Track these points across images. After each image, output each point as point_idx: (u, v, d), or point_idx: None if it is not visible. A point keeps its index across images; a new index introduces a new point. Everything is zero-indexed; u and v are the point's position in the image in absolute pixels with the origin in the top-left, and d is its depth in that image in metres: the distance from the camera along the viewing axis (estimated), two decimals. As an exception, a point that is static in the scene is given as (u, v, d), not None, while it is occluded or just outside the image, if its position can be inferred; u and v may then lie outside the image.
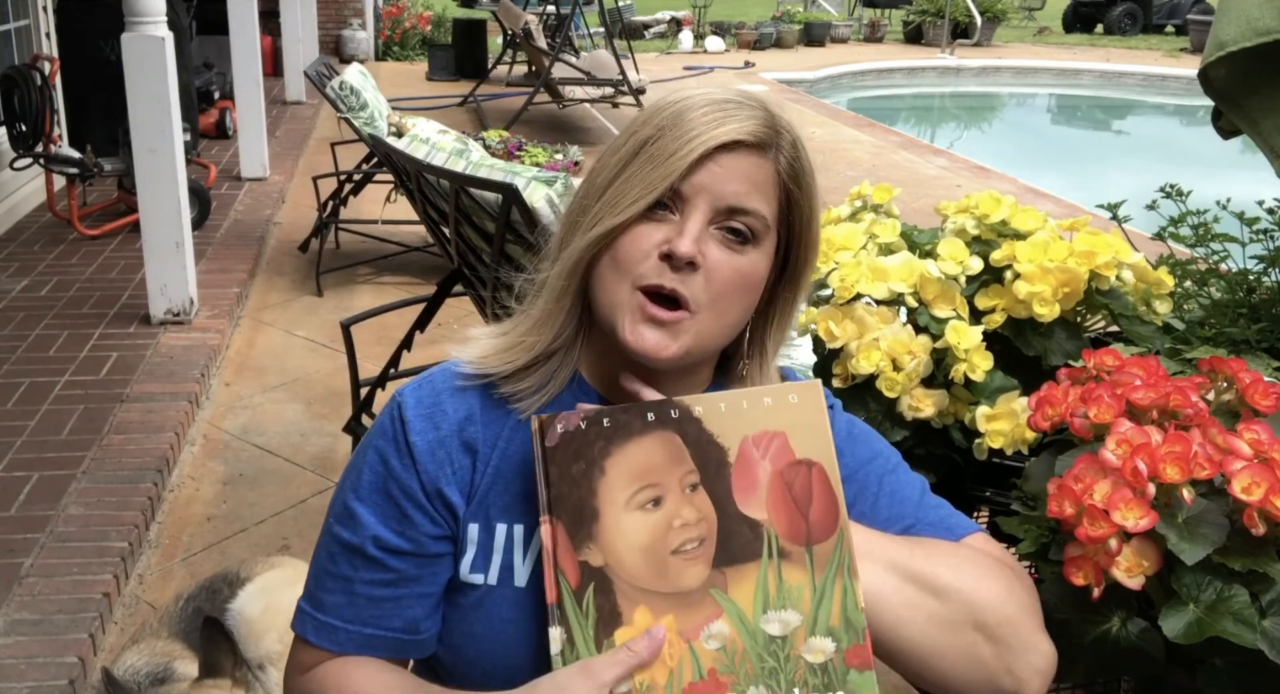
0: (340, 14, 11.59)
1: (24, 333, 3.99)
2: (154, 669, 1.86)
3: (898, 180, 1.72)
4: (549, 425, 0.89)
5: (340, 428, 3.29)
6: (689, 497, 0.88)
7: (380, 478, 0.98)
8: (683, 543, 0.87)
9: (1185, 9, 16.69)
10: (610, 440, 0.88)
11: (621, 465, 0.88)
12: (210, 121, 7.11)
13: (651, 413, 0.89)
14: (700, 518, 0.87)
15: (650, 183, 0.92)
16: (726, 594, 0.87)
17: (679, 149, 0.92)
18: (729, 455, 0.89)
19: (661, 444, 0.88)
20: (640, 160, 0.93)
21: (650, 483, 0.88)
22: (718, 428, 0.89)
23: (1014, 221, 1.47)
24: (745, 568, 0.87)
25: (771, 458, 0.89)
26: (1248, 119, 1.50)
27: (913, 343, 1.36)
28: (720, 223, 0.94)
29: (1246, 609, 0.96)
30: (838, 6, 17.27)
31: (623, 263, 0.93)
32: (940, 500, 1.06)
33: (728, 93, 0.97)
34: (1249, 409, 1.12)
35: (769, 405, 0.90)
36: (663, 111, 0.95)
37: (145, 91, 3.89)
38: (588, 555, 0.87)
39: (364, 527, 0.97)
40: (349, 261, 5.09)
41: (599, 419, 0.89)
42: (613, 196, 0.94)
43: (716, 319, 0.94)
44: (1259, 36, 1.39)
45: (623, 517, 0.87)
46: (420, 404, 0.99)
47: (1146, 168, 8.80)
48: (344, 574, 0.98)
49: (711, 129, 0.92)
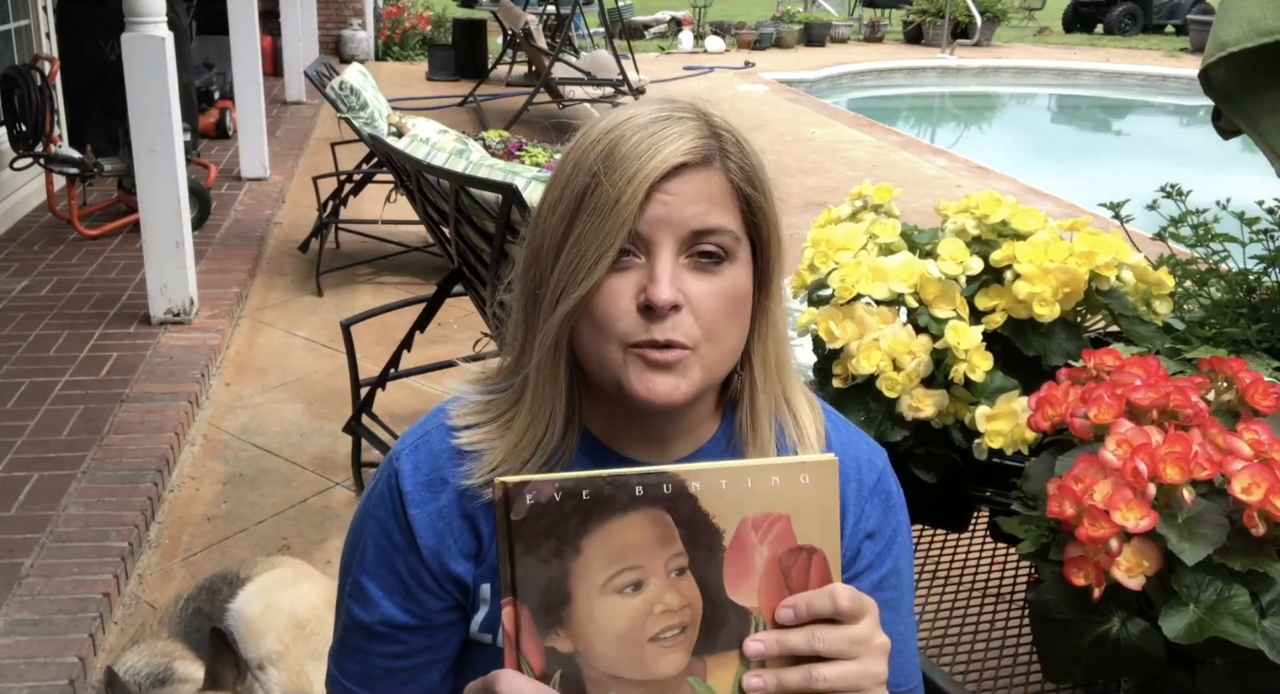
0: (340, 14, 11.59)
1: (24, 333, 3.99)
2: (154, 670, 1.85)
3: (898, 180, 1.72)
4: (516, 495, 0.78)
5: (340, 428, 3.29)
6: (674, 581, 0.80)
7: (384, 551, 0.96)
8: (662, 630, 0.80)
9: (1185, 9, 16.68)
10: (589, 516, 0.78)
11: (600, 545, 0.79)
12: (210, 121, 7.11)
13: (640, 486, 0.79)
14: (684, 604, 0.80)
15: (604, 237, 0.85)
16: (704, 682, 0.81)
17: (622, 193, 0.84)
18: (724, 538, 0.80)
19: (649, 523, 0.79)
20: (585, 215, 0.86)
21: (632, 565, 0.79)
22: (715, 507, 0.80)
23: (1014, 222, 1.47)
24: (727, 655, 0.81)
25: (770, 543, 0.81)
26: (1248, 119, 1.50)
27: (913, 343, 1.36)
28: (690, 250, 0.87)
29: (1246, 609, 0.96)
30: (838, 6, 17.26)
31: (603, 325, 0.87)
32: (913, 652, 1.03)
33: (653, 110, 0.89)
34: (1249, 409, 1.12)
35: (776, 485, 0.81)
36: (591, 153, 0.87)
37: (145, 91, 3.89)
38: (555, 642, 0.79)
39: (373, 604, 0.96)
40: (349, 261, 5.09)
41: (577, 491, 0.78)
42: (570, 261, 0.87)
43: (716, 347, 0.89)
44: (1260, 37, 1.39)
45: (597, 601, 0.79)
46: (418, 471, 0.95)
47: (1146, 168, 8.80)
48: (360, 646, 0.98)
49: (649, 160, 0.85)
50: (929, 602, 1.41)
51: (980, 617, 1.38)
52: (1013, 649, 1.31)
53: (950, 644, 1.32)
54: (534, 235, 0.92)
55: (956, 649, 1.31)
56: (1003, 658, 1.30)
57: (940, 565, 1.49)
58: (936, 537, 1.55)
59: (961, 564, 1.49)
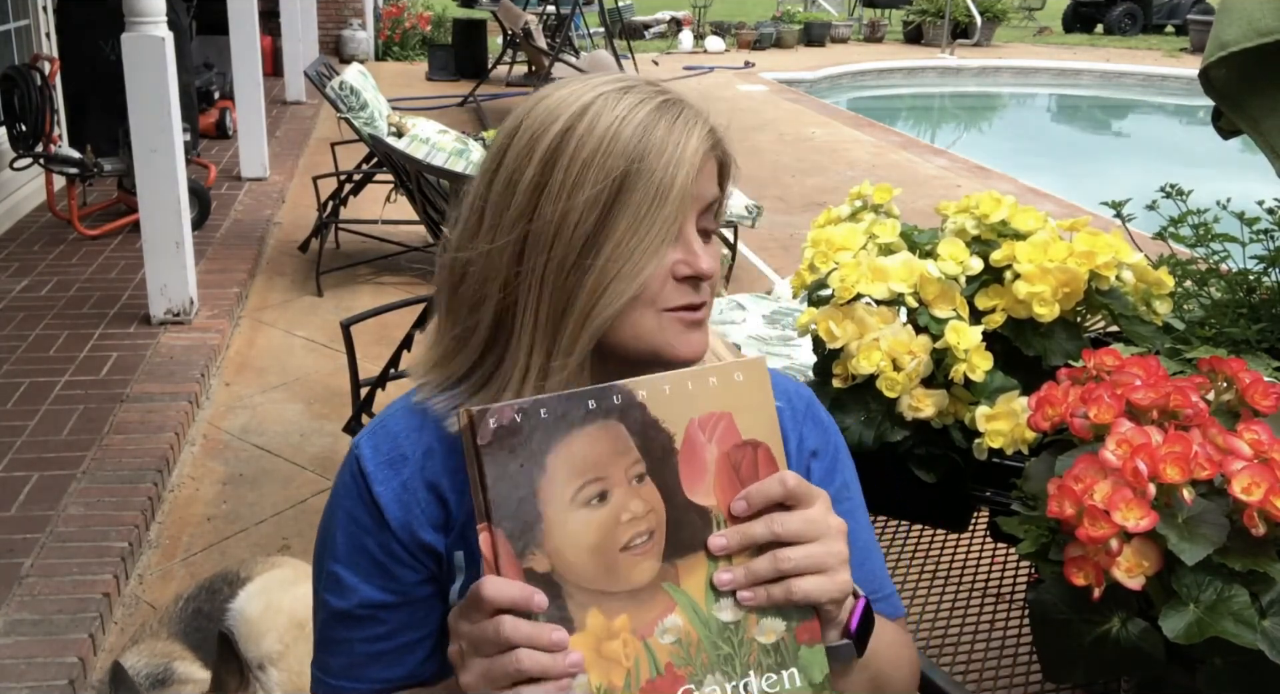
0: (340, 14, 11.59)
1: (24, 333, 4.00)
2: (154, 670, 1.85)
3: (897, 180, 1.72)
4: (480, 420, 0.81)
5: (340, 428, 3.29)
6: (636, 488, 0.83)
7: (355, 537, 0.97)
8: (632, 538, 0.83)
9: (1185, 9, 16.69)
10: (549, 433, 0.82)
11: (563, 460, 0.82)
12: (210, 121, 7.11)
13: (592, 400, 0.83)
14: (648, 510, 0.84)
15: (662, 225, 0.90)
16: (679, 586, 0.84)
17: (672, 178, 0.89)
18: (675, 441, 0.85)
19: (604, 434, 0.83)
20: (637, 202, 0.89)
21: (595, 477, 0.83)
22: (663, 412, 0.84)
23: (1014, 222, 1.47)
24: (695, 557, 0.85)
25: (718, 440, 0.86)
26: (1249, 119, 1.50)
27: (913, 343, 1.36)
28: (700, 224, 0.94)
29: (1246, 609, 0.96)
30: (838, 6, 17.27)
31: (644, 297, 0.91)
32: (881, 559, 1.08)
33: (645, 93, 0.92)
34: (1249, 409, 1.11)
35: (714, 386, 0.86)
36: (620, 138, 0.90)
37: (145, 91, 3.89)
38: (532, 562, 0.81)
39: (351, 590, 0.96)
40: (349, 261, 5.09)
41: (535, 410, 0.82)
42: (625, 251, 0.89)
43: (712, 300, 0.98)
44: (1260, 37, 1.39)
45: (567, 516, 0.82)
46: (378, 452, 0.97)
47: (1146, 168, 8.80)
48: (341, 637, 0.98)
49: (687, 142, 0.90)
50: (929, 602, 1.41)
51: (980, 617, 1.38)
52: (1013, 649, 1.31)
53: (950, 644, 1.32)
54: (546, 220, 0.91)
55: (956, 649, 1.31)
56: (1003, 658, 1.30)
57: (940, 565, 1.49)
58: (936, 537, 1.55)
59: (961, 564, 1.49)
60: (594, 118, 0.91)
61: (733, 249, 4.96)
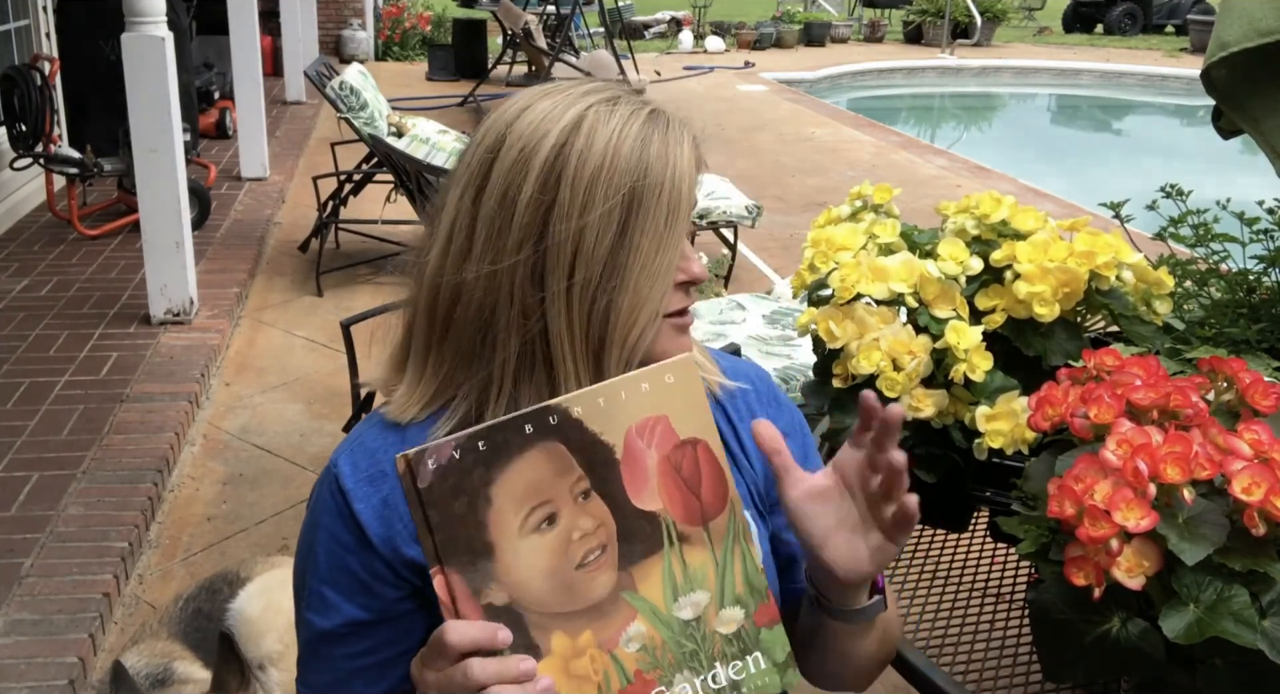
0: (340, 14, 11.59)
1: (24, 333, 4.00)
2: (154, 670, 1.85)
3: (898, 180, 1.72)
4: (418, 463, 0.80)
5: (340, 428, 3.30)
6: (583, 505, 0.84)
7: (336, 555, 0.96)
8: (585, 555, 0.84)
9: (1185, 9, 16.69)
10: (490, 465, 0.81)
11: (507, 489, 0.82)
12: (210, 121, 7.11)
13: (529, 424, 0.83)
14: (598, 524, 0.84)
15: (680, 236, 0.94)
16: (637, 593, 0.85)
17: (678, 191, 0.92)
18: (616, 452, 0.85)
19: (545, 456, 0.83)
20: (654, 219, 0.92)
21: (541, 501, 0.83)
22: (600, 425, 0.85)
23: (1014, 222, 1.47)
24: (650, 562, 0.85)
25: (657, 444, 0.86)
26: (1249, 119, 1.50)
27: (913, 343, 1.36)
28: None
29: (1246, 609, 0.96)
30: (838, 6, 17.27)
31: (645, 304, 0.94)
32: None
33: (633, 104, 0.95)
34: (1249, 409, 1.11)
35: (647, 391, 0.86)
36: (621, 153, 0.91)
37: (145, 91, 3.89)
38: (490, 597, 0.81)
39: (333, 609, 0.96)
40: (349, 261, 5.09)
41: (473, 444, 0.81)
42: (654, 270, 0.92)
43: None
44: (1261, 37, 1.39)
45: (519, 544, 0.82)
46: (357, 469, 0.97)
47: (1146, 168, 8.81)
48: (325, 654, 0.98)
49: (681, 153, 0.94)
50: (929, 602, 1.41)
51: (980, 617, 1.38)
52: (1013, 649, 1.31)
53: (950, 644, 1.32)
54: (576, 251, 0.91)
55: (956, 649, 1.31)
56: (1003, 658, 1.30)
57: (940, 565, 1.49)
58: (936, 537, 1.55)
59: (961, 564, 1.49)
60: (590, 132, 0.91)
61: (733, 249, 4.96)
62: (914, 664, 1.20)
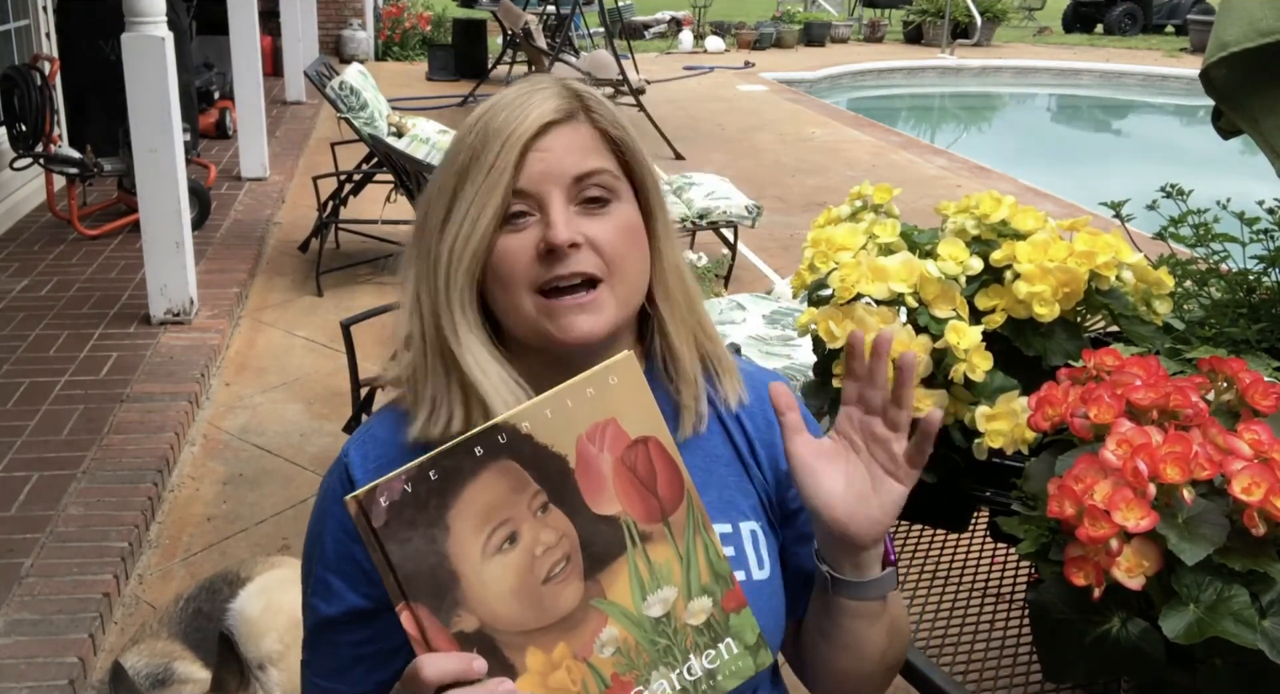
0: (340, 14, 11.59)
1: (24, 333, 4.00)
2: (154, 670, 1.85)
3: (898, 180, 1.72)
4: (370, 503, 0.80)
5: (340, 428, 3.29)
6: (542, 519, 0.84)
7: (343, 544, 0.98)
8: (550, 568, 0.83)
9: (1185, 9, 16.69)
10: (445, 493, 0.81)
11: (465, 515, 0.81)
12: (210, 121, 7.11)
13: (479, 446, 0.82)
14: (560, 536, 0.84)
15: (486, 194, 0.93)
16: (606, 598, 0.85)
17: (498, 155, 0.93)
18: (569, 461, 0.85)
19: (499, 475, 0.83)
20: (467, 183, 0.94)
21: (500, 521, 0.83)
22: (550, 437, 0.84)
23: (1014, 221, 1.47)
24: (615, 566, 0.85)
25: (609, 448, 0.86)
26: (1249, 119, 1.50)
27: (913, 343, 1.36)
28: (577, 198, 0.95)
29: (1246, 609, 0.96)
30: (838, 6, 17.26)
31: (509, 279, 0.94)
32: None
33: (519, 88, 0.98)
34: (1249, 409, 1.11)
35: (592, 396, 0.86)
36: (467, 137, 0.96)
37: (145, 91, 3.89)
38: (460, 624, 0.81)
39: (337, 597, 0.98)
40: (349, 261, 5.09)
41: (424, 475, 0.81)
42: (457, 222, 0.94)
43: (624, 281, 0.96)
44: (1261, 37, 1.39)
45: (483, 568, 0.82)
46: (366, 459, 0.99)
47: (1146, 168, 8.80)
48: (329, 640, 1.00)
49: (519, 124, 0.94)
50: (929, 602, 1.41)
51: (980, 617, 1.38)
52: (1013, 649, 1.31)
53: (950, 644, 1.32)
54: (420, 216, 0.98)
55: (956, 649, 1.31)
56: (1003, 658, 1.30)
57: (940, 565, 1.49)
58: (936, 537, 1.55)
59: (961, 564, 1.49)
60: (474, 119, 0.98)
61: (733, 249, 4.96)
62: (914, 664, 1.20)
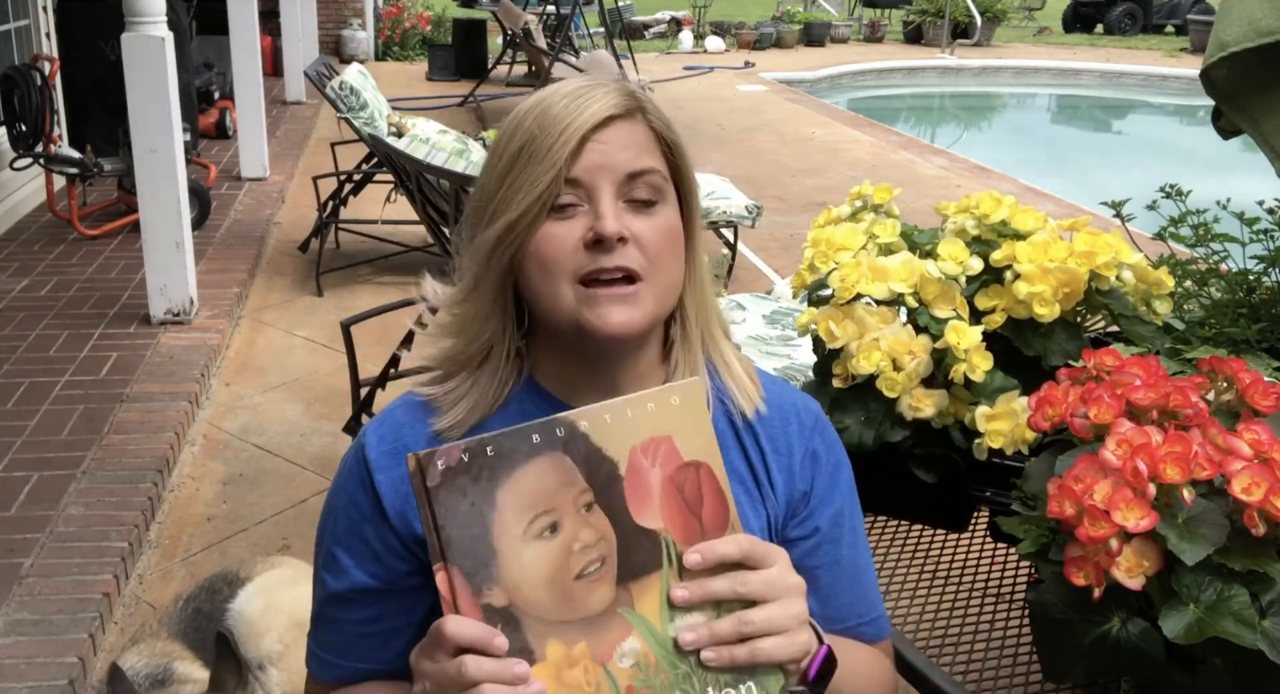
0: (340, 14, 11.59)
1: (24, 333, 4.00)
2: (153, 670, 1.85)
3: (898, 180, 1.72)
4: (428, 463, 0.82)
5: (340, 428, 3.29)
6: (585, 517, 0.85)
7: (354, 522, 1.00)
8: (585, 566, 0.85)
9: (1185, 9, 16.68)
10: (497, 470, 0.84)
11: (512, 495, 0.84)
12: (210, 121, 7.11)
13: (537, 434, 0.85)
14: (599, 538, 0.85)
15: (538, 177, 0.93)
16: (633, 609, 0.86)
17: (555, 141, 0.93)
18: (620, 468, 0.87)
19: (551, 466, 0.85)
20: (521, 164, 0.94)
21: (545, 509, 0.84)
22: (605, 441, 0.86)
23: (1014, 222, 1.47)
24: (648, 579, 0.86)
25: (661, 464, 0.88)
26: (1249, 119, 1.50)
27: (913, 343, 1.36)
28: (626, 195, 0.95)
29: (1246, 609, 0.96)
30: (838, 6, 17.26)
31: (552, 264, 0.94)
32: (873, 581, 1.10)
33: (578, 81, 0.98)
34: (1249, 409, 1.11)
35: (653, 411, 0.88)
36: (525, 121, 0.96)
37: (145, 91, 3.89)
38: (490, 597, 0.83)
39: (345, 572, 1.00)
40: (349, 261, 5.09)
41: (481, 449, 0.83)
42: (505, 197, 0.95)
43: (662, 280, 0.97)
44: (1261, 37, 1.39)
45: (521, 550, 0.84)
46: (382, 442, 1.00)
47: (1146, 168, 8.80)
48: (333, 616, 1.02)
49: (580, 113, 0.94)
50: (929, 602, 1.41)
51: (980, 617, 1.38)
52: (1013, 649, 1.31)
53: (950, 644, 1.32)
54: (475, 196, 0.99)
55: (956, 649, 1.31)
56: (1003, 658, 1.30)
57: (940, 565, 1.49)
58: (936, 537, 1.55)
59: (961, 564, 1.49)
60: (531, 105, 0.98)
61: (733, 249, 4.96)
62: (914, 664, 1.20)
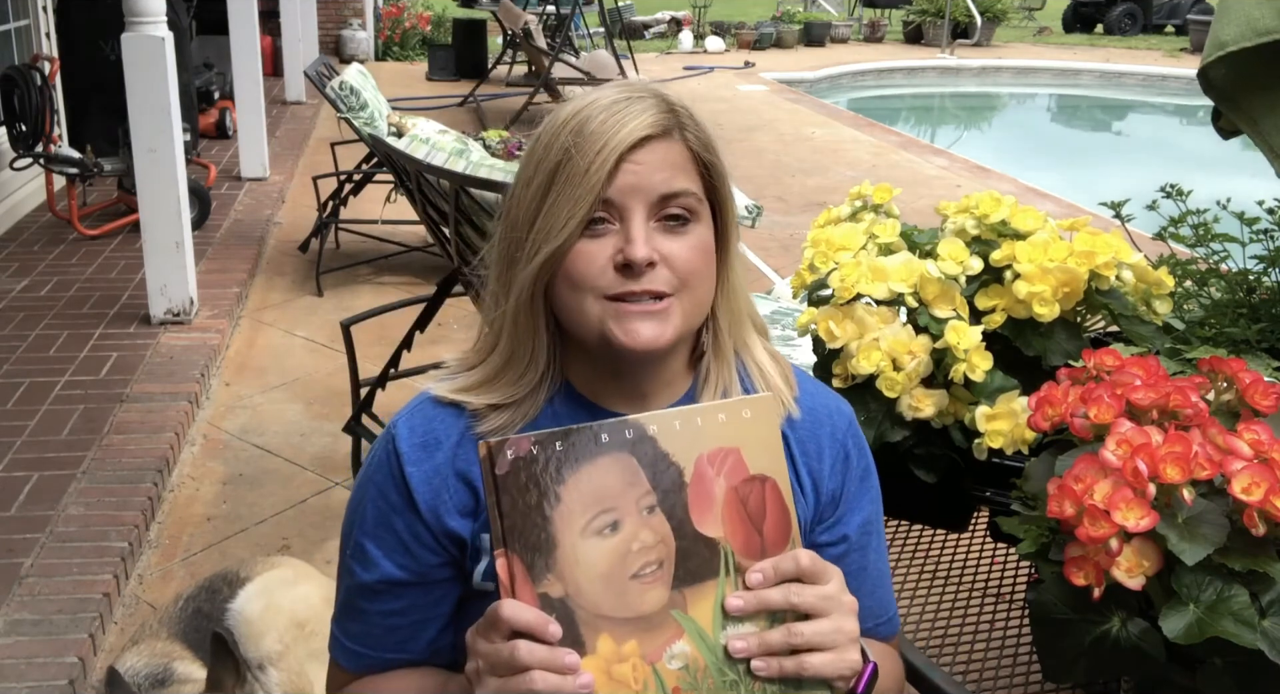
0: (340, 14, 11.59)
1: (24, 333, 3.99)
2: (153, 670, 1.85)
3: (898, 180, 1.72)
4: (498, 451, 0.85)
5: (340, 428, 3.29)
6: (646, 519, 0.86)
7: (383, 513, 1.00)
8: (642, 567, 0.86)
9: (1185, 9, 16.67)
10: (563, 465, 0.85)
11: (577, 491, 0.85)
12: (210, 121, 7.11)
13: (605, 434, 0.87)
14: (658, 540, 0.86)
15: (576, 200, 0.93)
16: (687, 614, 0.86)
17: (592, 163, 0.92)
18: (685, 475, 0.88)
19: (617, 466, 0.86)
20: (559, 185, 0.94)
21: (607, 507, 0.86)
22: (673, 447, 0.88)
23: (1014, 221, 1.47)
24: (703, 586, 0.87)
25: (726, 475, 0.88)
26: (1248, 119, 1.50)
27: (913, 343, 1.36)
28: (659, 215, 0.95)
29: (1246, 609, 0.96)
30: (838, 6, 17.26)
31: (581, 282, 0.94)
32: (890, 583, 1.12)
33: (615, 91, 0.97)
34: (1249, 409, 1.11)
35: (723, 422, 0.89)
36: (561, 133, 0.95)
37: (145, 91, 3.89)
38: (547, 587, 0.84)
39: (374, 564, 1.00)
40: (349, 261, 5.09)
41: (550, 443, 0.85)
42: (544, 225, 0.94)
43: (692, 297, 0.97)
44: (1259, 36, 1.39)
45: (580, 544, 0.85)
46: (413, 433, 1.00)
47: (1146, 168, 8.80)
48: (361, 607, 1.02)
49: (616, 133, 0.93)
50: (929, 602, 1.41)
51: (980, 617, 1.38)
52: (1013, 649, 1.31)
53: (950, 644, 1.32)
54: (510, 208, 0.98)
55: (956, 649, 1.31)
56: (1003, 658, 1.30)
57: (940, 565, 1.49)
58: (936, 537, 1.55)
59: (961, 564, 1.49)
60: (569, 115, 0.97)
61: (733, 249, 4.95)
62: (914, 664, 1.20)
